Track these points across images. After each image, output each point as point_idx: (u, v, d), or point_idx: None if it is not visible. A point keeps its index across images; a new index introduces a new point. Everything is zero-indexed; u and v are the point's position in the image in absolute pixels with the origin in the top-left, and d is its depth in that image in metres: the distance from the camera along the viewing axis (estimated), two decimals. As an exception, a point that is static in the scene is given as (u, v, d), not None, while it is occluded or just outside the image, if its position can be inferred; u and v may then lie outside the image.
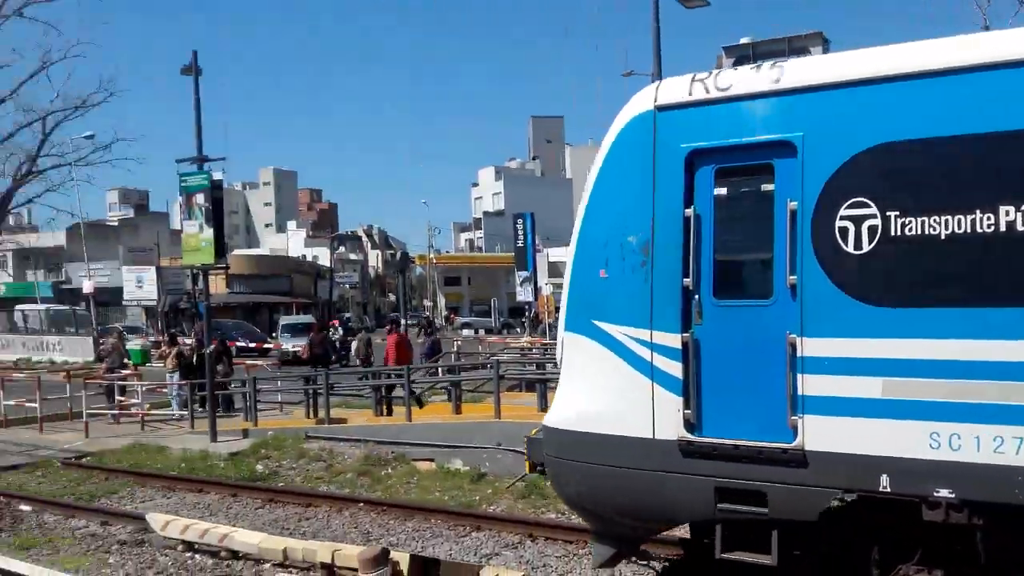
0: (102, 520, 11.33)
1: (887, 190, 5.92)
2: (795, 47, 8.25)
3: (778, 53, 8.16)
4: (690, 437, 6.45)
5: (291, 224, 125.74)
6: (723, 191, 6.66)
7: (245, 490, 12.65)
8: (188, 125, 16.96)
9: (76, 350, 40.37)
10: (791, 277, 6.15)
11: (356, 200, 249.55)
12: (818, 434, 6.04)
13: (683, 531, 7.99)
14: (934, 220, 5.74)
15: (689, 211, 6.58)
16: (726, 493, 6.35)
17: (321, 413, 17.05)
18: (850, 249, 6.00)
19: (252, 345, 38.39)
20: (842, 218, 6.04)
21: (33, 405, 18.62)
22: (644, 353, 6.74)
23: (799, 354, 6.09)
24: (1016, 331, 5.45)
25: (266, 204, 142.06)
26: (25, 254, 66.90)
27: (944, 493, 5.68)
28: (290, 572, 8.76)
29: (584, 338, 7.12)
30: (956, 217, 5.68)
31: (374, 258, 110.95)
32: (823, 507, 6.07)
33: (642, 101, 6.97)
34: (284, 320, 46.85)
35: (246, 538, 9.34)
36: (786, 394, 6.14)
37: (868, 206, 5.96)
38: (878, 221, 5.92)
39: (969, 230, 5.64)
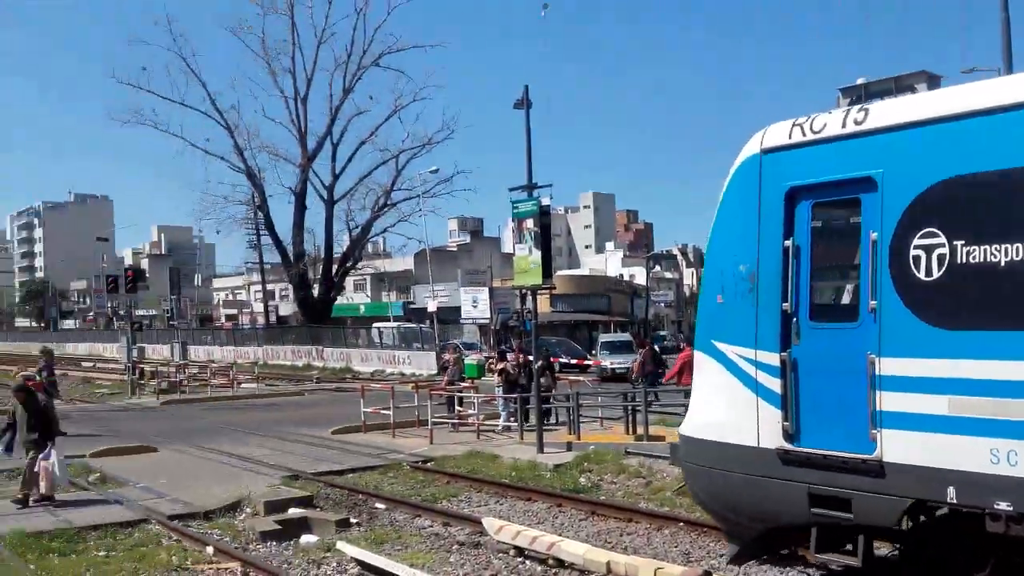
0: (444, 521, 12.29)
1: (954, 221, 6.50)
2: (902, 86, 8.29)
3: (887, 92, 8.27)
4: (788, 447, 7.34)
5: (609, 245, 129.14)
6: (818, 223, 7.55)
7: (569, 501, 13.08)
8: (513, 153, 18.02)
9: (422, 364, 44.27)
10: (872, 302, 6.90)
11: (671, 220, 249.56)
12: (893, 446, 6.70)
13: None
14: (994, 248, 6.24)
15: (788, 242, 7.46)
16: (818, 499, 7.12)
17: (640, 429, 17.16)
18: (921, 276, 6.63)
19: (573, 361, 39.74)
20: (915, 247, 6.68)
21: (387, 413, 20.71)
22: (750, 370, 7.65)
23: (877, 372, 6.80)
24: None
25: (586, 226, 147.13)
26: (380, 277, 75.11)
27: (1003, 506, 6.10)
28: (613, 585, 8.86)
29: (706, 356, 8.19)
30: (1014, 245, 6.13)
31: (689, 276, 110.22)
32: (899, 514, 6.74)
33: (752, 146, 7.91)
34: (603, 338, 47.97)
35: (572, 548, 9.63)
36: (867, 409, 6.85)
37: (937, 235, 6.57)
38: (946, 250, 6.49)
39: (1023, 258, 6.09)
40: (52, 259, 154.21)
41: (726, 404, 7.92)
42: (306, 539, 11.52)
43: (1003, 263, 6.21)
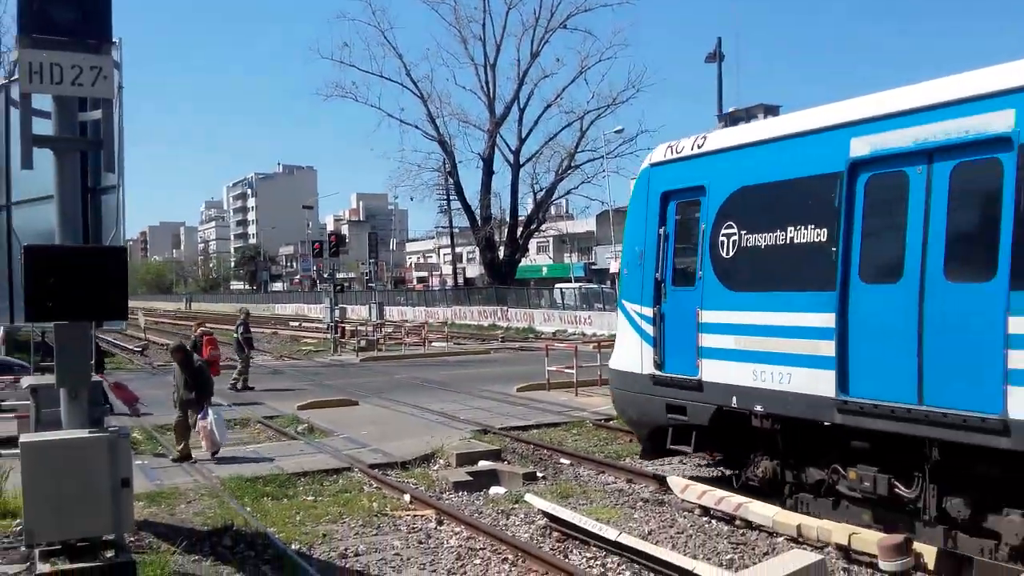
0: (627, 478, 12.34)
1: (741, 217, 9.67)
2: (749, 115, 10.98)
3: (741, 119, 11.00)
4: (657, 373, 10.82)
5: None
6: (679, 217, 10.85)
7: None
8: (703, 106, 17.53)
9: (603, 324, 44.35)
10: (700, 272, 10.14)
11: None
12: (707, 370, 9.98)
13: None
14: (759, 236, 9.40)
15: (661, 230, 10.91)
16: (671, 407, 10.61)
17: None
18: (723, 255, 9.87)
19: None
20: (721, 235, 9.85)
21: (570, 371, 20.96)
22: (639, 320, 11.15)
23: (700, 321, 10.12)
24: (794, 306, 8.97)
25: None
26: (563, 239, 75.64)
27: (759, 408, 9.37)
28: (804, 548, 8.61)
29: (620, 311, 11.80)
30: (770, 234, 9.26)
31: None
32: (710, 415, 9.99)
33: (646, 161, 11.61)
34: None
35: (761, 510, 9.41)
36: (695, 346, 10.16)
37: (732, 227, 9.77)
38: (736, 237, 9.66)
39: (775, 242, 9.20)
40: (263, 226, 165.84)
41: (628, 344, 11.46)
42: (495, 490, 11.92)
43: (763, 246, 9.45)
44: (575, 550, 9.13)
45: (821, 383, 8.60)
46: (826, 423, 8.73)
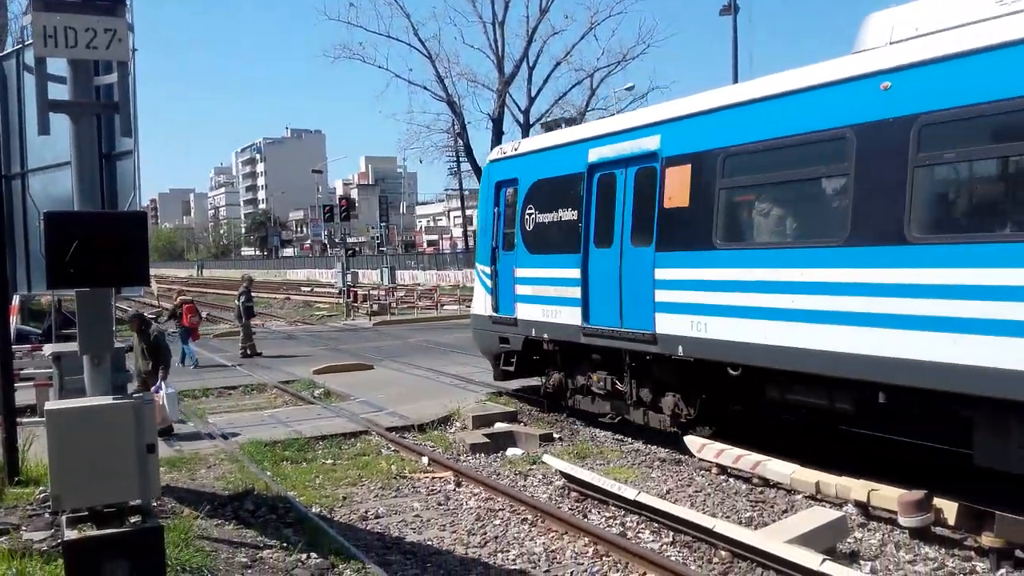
0: (645, 439, 12.37)
1: (536, 202, 13.51)
2: (555, 125, 18.94)
3: (557, 126, 18.49)
4: (494, 315, 14.58)
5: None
6: (504, 201, 14.63)
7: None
8: (718, 61, 17.36)
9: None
10: (516, 240, 13.93)
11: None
12: (519, 311, 13.77)
13: None
14: (546, 216, 13.24)
15: (496, 209, 14.76)
16: (501, 339, 14.47)
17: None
18: (528, 228, 13.66)
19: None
20: (526, 214, 13.68)
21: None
22: (483, 276, 15.14)
23: (515, 276, 13.90)
24: (561, 264, 12.69)
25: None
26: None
27: (545, 336, 13.19)
28: (823, 505, 8.63)
29: (475, 270, 15.81)
30: (549, 213, 13.14)
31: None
32: (522, 344, 13.87)
33: (488, 158, 16.00)
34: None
35: (779, 468, 9.44)
36: (513, 294, 13.92)
37: (532, 209, 13.59)
38: (534, 215, 13.46)
39: (556, 220, 12.97)
40: (272, 191, 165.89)
41: (478, 294, 15.53)
42: (512, 452, 11.99)
43: (547, 222, 13.25)
44: (594, 510, 9.19)
45: (576, 317, 12.42)
46: (579, 343, 12.51)
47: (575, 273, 12.35)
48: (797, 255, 9.15)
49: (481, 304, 15.20)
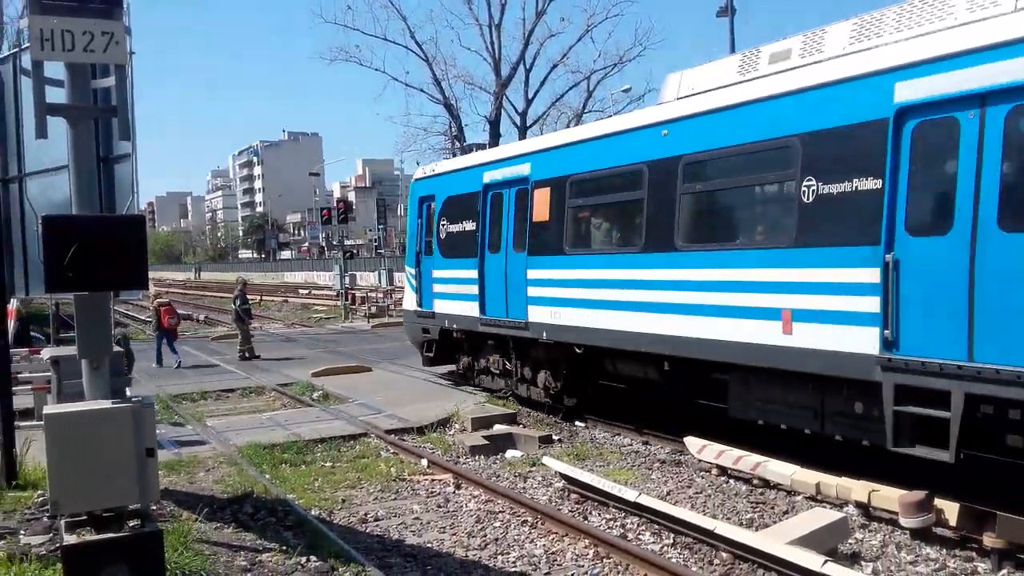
0: (644, 440, 12.36)
1: (447, 214, 16.46)
2: (472, 150, 20.60)
3: (469, 150, 20.32)
4: (418, 309, 17.54)
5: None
6: (425, 213, 17.50)
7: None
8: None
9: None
10: (434, 247, 16.85)
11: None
12: (437, 306, 16.75)
13: None
14: (453, 226, 16.21)
15: (419, 220, 17.74)
16: (423, 329, 17.44)
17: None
18: (441, 236, 16.58)
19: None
20: (440, 224, 16.61)
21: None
22: (410, 277, 18.11)
23: (433, 276, 16.90)
24: (465, 267, 15.61)
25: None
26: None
27: (455, 326, 16.24)
28: (824, 506, 8.62)
29: (405, 272, 19.01)
30: (457, 225, 16.11)
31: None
32: (439, 331, 16.82)
33: (414, 176, 19.00)
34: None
35: (779, 468, 9.43)
36: (431, 292, 16.97)
37: (445, 220, 16.53)
38: (446, 225, 16.39)
39: (462, 230, 15.89)
40: (270, 194, 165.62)
41: (407, 292, 18.46)
42: (512, 454, 11.97)
43: (455, 232, 16.14)
44: (594, 512, 9.17)
45: (475, 310, 15.34)
46: (479, 331, 15.55)
47: (475, 274, 15.41)
48: (615, 259, 12.00)
49: (409, 301, 18.34)
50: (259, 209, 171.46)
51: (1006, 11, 7.57)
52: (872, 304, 8.11)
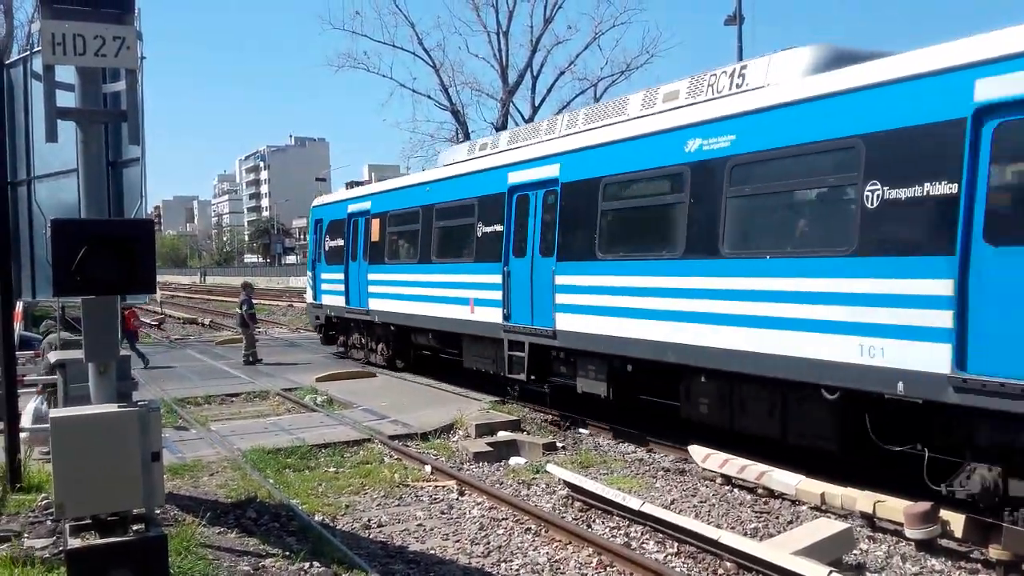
0: (648, 448, 12.34)
1: (329, 233, 23.22)
2: (385, 176, 29.19)
3: (385, 177, 26.17)
4: (312, 302, 24.73)
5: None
6: (317, 230, 24.20)
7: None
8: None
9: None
10: (318, 257, 24.09)
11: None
12: (324, 300, 23.70)
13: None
14: (332, 242, 22.91)
15: (315, 236, 24.17)
16: (317, 316, 24.65)
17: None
18: (326, 249, 23.39)
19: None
20: (325, 240, 23.59)
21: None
22: (309, 276, 25.09)
23: (321, 278, 23.81)
24: (338, 271, 22.40)
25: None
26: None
27: (333, 314, 23.49)
28: (829, 517, 8.59)
29: (307, 275, 25.89)
30: (334, 241, 22.86)
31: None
32: (326, 318, 23.99)
33: (313, 203, 25.84)
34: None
35: (784, 478, 9.40)
36: (320, 288, 24.05)
37: (328, 237, 23.28)
38: (328, 241, 23.26)
39: (334, 245, 22.83)
40: (276, 199, 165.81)
41: (308, 289, 25.12)
42: (515, 460, 11.95)
43: (332, 246, 22.94)
44: (598, 520, 9.15)
45: (342, 301, 21.61)
46: (345, 317, 22.05)
47: (342, 276, 21.91)
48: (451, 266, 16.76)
49: (308, 296, 25.31)
50: (265, 213, 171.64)
51: None
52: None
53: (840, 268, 8.50)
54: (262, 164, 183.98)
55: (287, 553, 7.92)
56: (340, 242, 22.08)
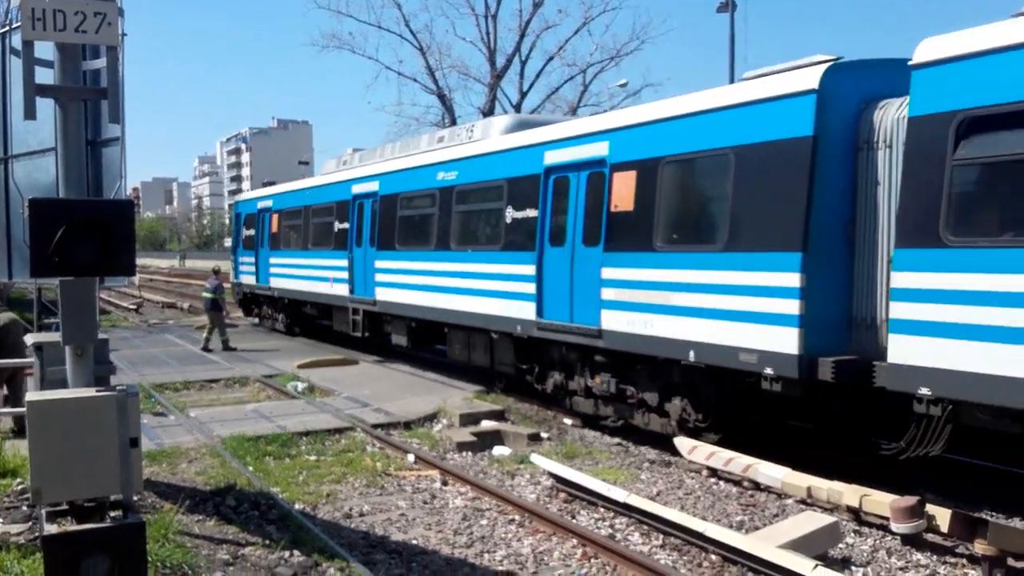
0: (635, 440, 12.29)
1: (247, 224, 29.98)
2: (269, 183, 32.22)
3: (300, 178, 30.44)
4: (235, 280, 30.51)
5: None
6: (241, 221, 30.14)
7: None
8: (713, 64, 17.31)
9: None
10: (239, 243, 30.76)
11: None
12: (243, 279, 29.95)
13: None
14: (248, 231, 29.41)
15: (237, 226, 30.61)
16: (237, 294, 30.59)
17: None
18: (243, 236, 30.18)
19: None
20: (244, 230, 29.93)
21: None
22: (232, 261, 31.45)
23: (240, 261, 29.87)
24: (251, 255, 28.48)
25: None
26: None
27: (248, 291, 29.81)
28: (815, 510, 8.57)
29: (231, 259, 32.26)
30: (249, 231, 29.13)
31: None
32: (243, 295, 30.54)
33: (236, 199, 34.21)
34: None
35: (770, 471, 9.37)
36: (239, 269, 30.01)
37: (245, 227, 30.17)
38: (244, 232, 30.28)
39: (249, 234, 29.39)
40: (257, 182, 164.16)
41: (243, 271, 29.48)
42: (499, 451, 11.87)
43: (248, 235, 29.24)
44: (582, 511, 9.09)
45: (253, 280, 28.14)
46: (258, 293, 28.02)
47: (253, 259, 27.71)
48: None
49: (234, 275, 30.07)
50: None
51: None
52: None
53: (494, 258, 14.52)
54: (244, 146, 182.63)
55: (267, 542, 7.82)
56: (252, 232, 28.39)
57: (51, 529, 5.31)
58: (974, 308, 7.39)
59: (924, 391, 7.85)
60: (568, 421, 13.68)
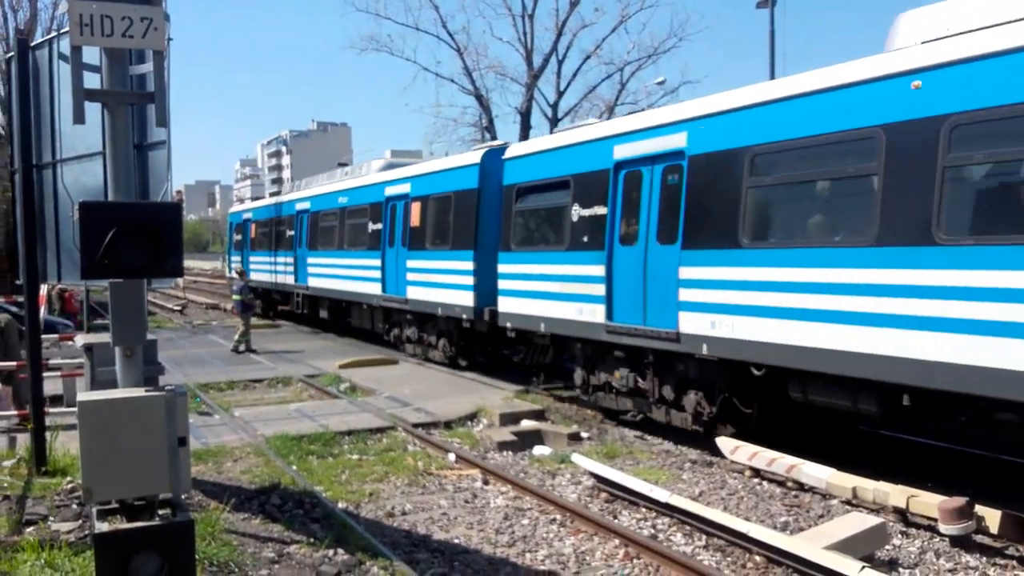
0: (675, 440, 12.21)
1: (242, 232, 37.63)
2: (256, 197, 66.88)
3: (299, 188, 33.30)
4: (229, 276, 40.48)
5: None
6: (235, 228, 38.38)
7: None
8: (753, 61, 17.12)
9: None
10: (232, 244, 40.39)
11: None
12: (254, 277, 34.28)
13: None
14: (237, 236, 38.03)
15: (232, 233, 39.02)
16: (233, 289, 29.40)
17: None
18: (235, 240, 39.15)
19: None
20: (236, 235, 38.99)
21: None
22: (235, 262, 36.58)
23: (251, 260, 34.28)
24: (264, 255, 32.94)
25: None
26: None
27: (255, 286, 32.09)
28: (860, 511, 8.44)
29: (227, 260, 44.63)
30: (239, 236, 37.65)
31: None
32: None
33: (230, 211, 46.38)
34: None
35: (814, 471, 9.25)
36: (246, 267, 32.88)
37: (238, 233, 39.00)
38: (241, 236, 37.53)
39: (240, 239, 37.11)
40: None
41: (226, 267, 47.47)
42: (540, 450, 11.86)
43: (238, 240, 37.82)
44: (624, 511, 9.05)
45: (267, 278, 32.04)
46: (268, 289, 32.70)
47: (239, 260, 33.13)
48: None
49: (225, 272, 42.01)
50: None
51: None
52: None
53: (375, 255, 21.24)
54: (284, 149, 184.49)
55: (311, 540, 7.89)
56: (239, 237, 35.86)
57: (102, 527, 5.40)
58: (506, 281, 15.52)
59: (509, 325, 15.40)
60: (609, 421, 13.61)
